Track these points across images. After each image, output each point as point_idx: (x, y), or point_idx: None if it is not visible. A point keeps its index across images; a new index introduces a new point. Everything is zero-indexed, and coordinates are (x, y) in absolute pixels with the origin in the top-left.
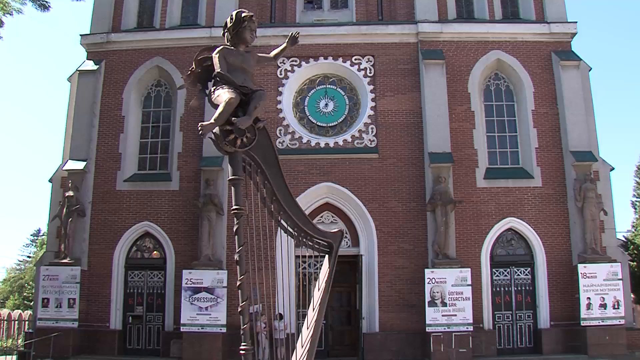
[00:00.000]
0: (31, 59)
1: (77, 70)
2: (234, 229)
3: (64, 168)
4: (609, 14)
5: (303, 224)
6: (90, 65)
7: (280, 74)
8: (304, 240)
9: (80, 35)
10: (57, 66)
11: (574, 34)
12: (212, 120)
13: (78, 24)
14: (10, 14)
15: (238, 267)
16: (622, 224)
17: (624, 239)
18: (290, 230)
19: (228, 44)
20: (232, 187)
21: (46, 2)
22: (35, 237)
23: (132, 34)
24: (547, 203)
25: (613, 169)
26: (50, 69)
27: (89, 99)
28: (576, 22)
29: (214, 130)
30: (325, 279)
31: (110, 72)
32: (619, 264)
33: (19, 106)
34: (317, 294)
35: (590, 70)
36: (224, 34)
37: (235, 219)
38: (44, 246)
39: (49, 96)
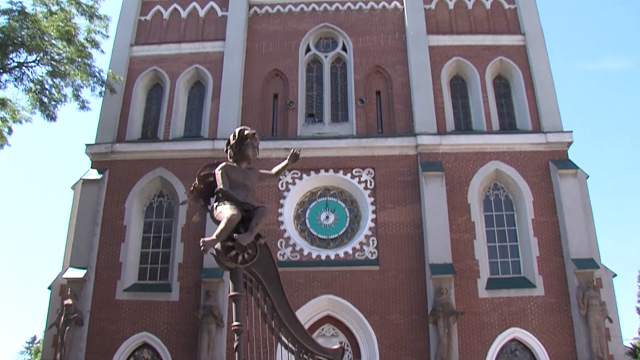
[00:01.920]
0: (36, 165)
1: (80, 179)
2: (234, 345)
3: (64, 276)
4: (604, 122)
5: (304, 340)
6: (94, 175)
7: (282, 187)
8: (305, 356)
9: (86, 144)
10: (61, 173)
11: (570, 143)
12: (213, 237)
13: (84, 133)
14: (19, 122)
15: None
16: (629, 331)
17: (631, 346)
18: (291, 346)
19: (230, 160)
20: (233, 303)
21: (53, 113)
22: (31, 345)
23: (136, 144)
24: (550, 312)
25: (615, 275)
26: (55, 176)
27: (91, 208)
28: (571, 131)
29: (215, 246)
30: None
31: (113, 181)
32: None
33: (22, 211)
34: None
35: (587, 177)
36: (226, 150)
37: (235, 335)
38: (39, 354)
39: (52, 203)
